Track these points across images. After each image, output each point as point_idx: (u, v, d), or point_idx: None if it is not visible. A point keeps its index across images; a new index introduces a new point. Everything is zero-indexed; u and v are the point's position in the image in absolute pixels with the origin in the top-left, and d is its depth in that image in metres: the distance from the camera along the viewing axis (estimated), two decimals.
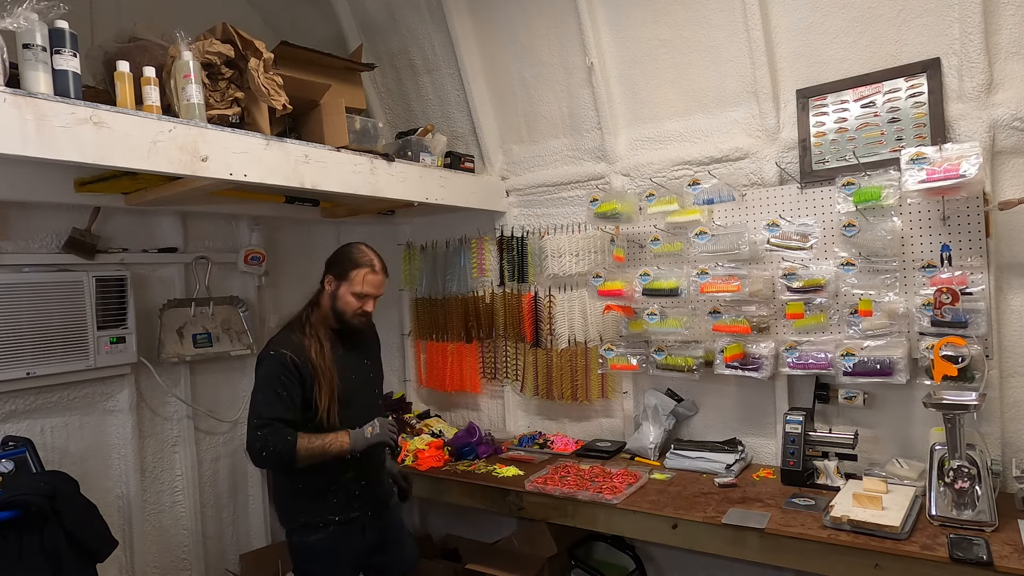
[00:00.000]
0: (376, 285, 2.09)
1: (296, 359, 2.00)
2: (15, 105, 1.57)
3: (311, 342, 2.06)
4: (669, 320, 2.63)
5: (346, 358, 2.14)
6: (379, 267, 2.11)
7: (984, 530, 1.80)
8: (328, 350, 2.07)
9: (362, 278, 2.06)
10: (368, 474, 2.17)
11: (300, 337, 2.07)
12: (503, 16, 2.96)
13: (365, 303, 2.09)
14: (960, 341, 2.03)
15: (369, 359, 2.29)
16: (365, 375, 2.24)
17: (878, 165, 2.25)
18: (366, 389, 2.23)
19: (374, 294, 2.10)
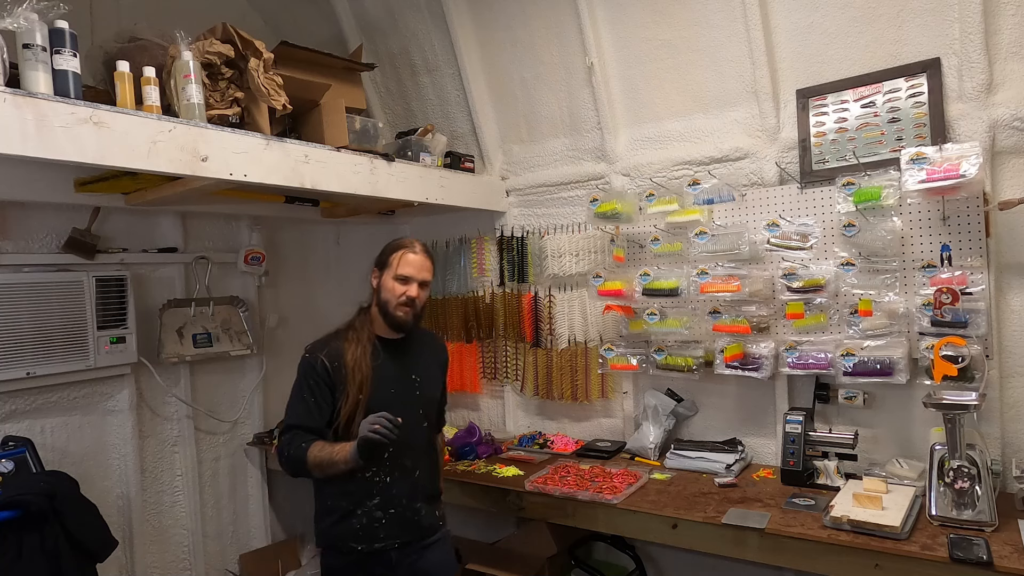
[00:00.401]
0: (416, 266, 1.97)
1: (329, 363, 1.91)
2: (15, 105, 1.57)
3: (350, 346, 1.95)
4: (669, 320, 2.63)
5: (388, 368, 1.98)
6: (419, 248, 2.00)
7: (984, 530, 1.80)
8: (367, 356, 1.94)
9: (399, 258, 1.96)
10: (396, 503, 1.94)
11: (341, 340, 1.98)
12: (503, 16, 2.96)
13: (408, 287, 1.95)
14: (960, 341, 2.03)
15: (420, 375, 2.06)
16: (408, 391, 2.01)
17: (878, 165, 2.25)
18: (406, 407, 1.92)
19: (416, 276, 1.96)
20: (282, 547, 3.32)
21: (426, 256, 2.01)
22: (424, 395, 2.06)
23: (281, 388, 3.44)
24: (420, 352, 2.10)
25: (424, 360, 2.10)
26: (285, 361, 3.48)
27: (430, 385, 2.11)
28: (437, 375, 2.17)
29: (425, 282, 2.00)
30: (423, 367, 2.08)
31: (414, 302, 1.96)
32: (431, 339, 2.24)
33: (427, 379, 2.09)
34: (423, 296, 2.01)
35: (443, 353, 2.23)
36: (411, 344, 2.07)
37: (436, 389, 2.15)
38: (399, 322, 1.97)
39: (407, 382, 2.02)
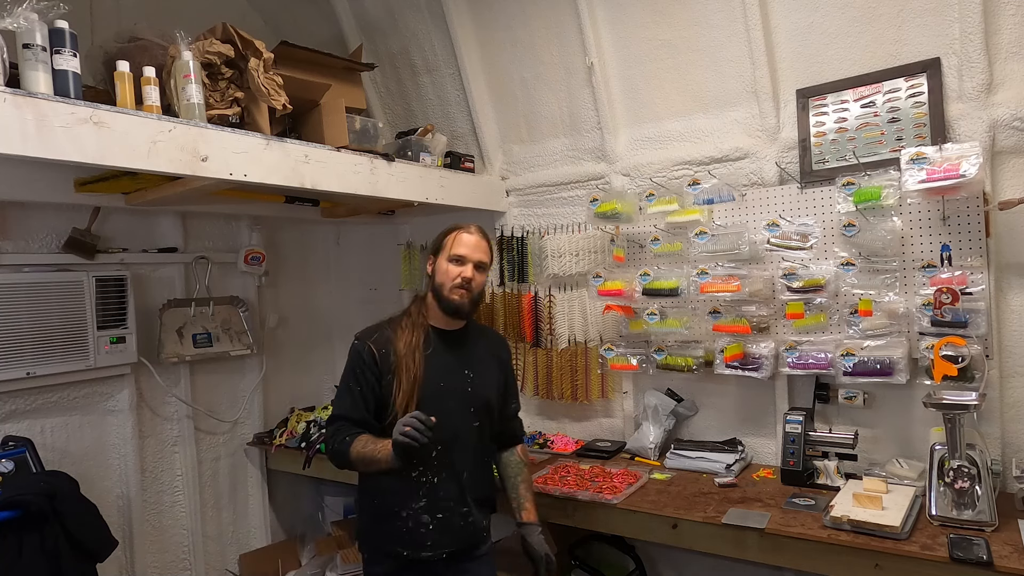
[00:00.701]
0: (471, 246, 1.88)
1: (377, 351, 1.84)
2: (15, 105, 1.57)
3: (403, 333, 1.87)
4: (669, 320, 2.63)
5: (441, 360, 1.90)
6: (475, 229, 1.92)
7: (984, 530, 1.80)
8: (418, 344, 1.86)
9: (453, 239, 1.89)
10: (444, 506, 1.85)
11: (393, 328, 1.91)
12: (503, 16, 2.96)
13: (463, 268, 1.86)
14: (960, 341, 2.03)
15: (474, 370, 1.95)
16: (460, 386, 1.92)
17: (878, 165, 2.24)
18: (457, 404, 1.88)
19: (470, 256, 1.87)
20: (282, 547, 3.32)
21: (482, 237, 1.93)
22: (477, 393, 1.94)
23: (281, 388, 3.46)
24: (476, 347, 1.99)
25: (480, 356, 1.99)
26: (285, 361, 3.49)
27: (485, 384, 1.97)
28: (494, 374, 2.03)
29: (482, 264, 1.90)
30: (478, 363, 1.98)
31: (470, 284, 1.87)
32: (491, 335, 2.14)
33: (482, 377, 1.97)
34: (480, 280, 1.91)
35: (503, 350, 2.11)
36: (468, 337, 1.98)
37: (492, 389, 2.00)
38: (454, 305, 1.87)
39: (459, 376, 1.92)
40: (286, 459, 3.15)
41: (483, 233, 1.95)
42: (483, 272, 1.92)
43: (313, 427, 3.09)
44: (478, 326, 2.09)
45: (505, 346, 2.17)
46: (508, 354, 2.15)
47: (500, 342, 2.14)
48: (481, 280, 1.92)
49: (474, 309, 1.95)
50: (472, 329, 2.02)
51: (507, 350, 2.16)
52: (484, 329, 2.15)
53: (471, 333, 2.01)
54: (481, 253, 1.91)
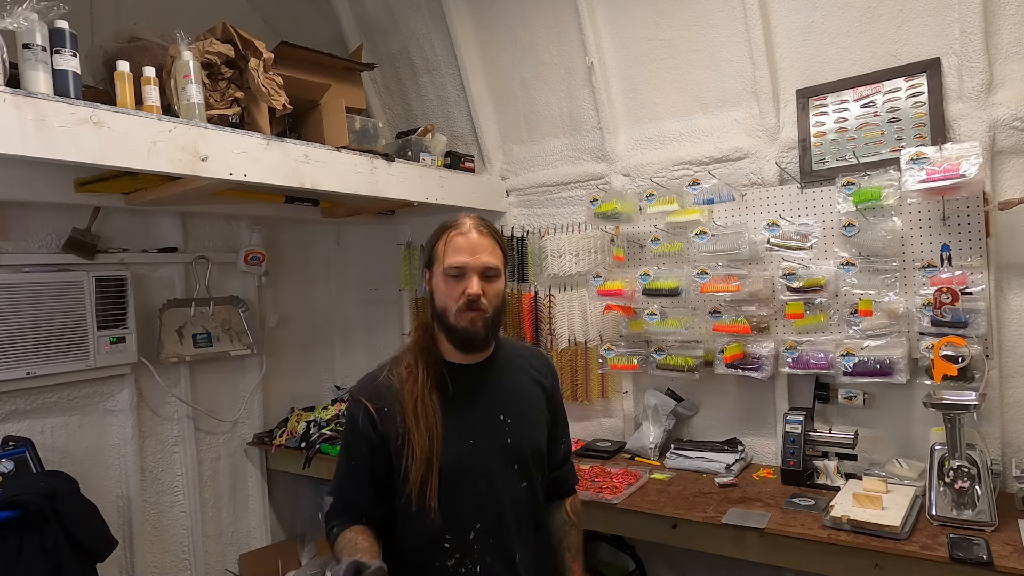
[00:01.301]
0: (468, 248, 1.38)
1: (375, 410, 1.39)
2: (15, 105, 1.57)
3: (408, 379, 1.40)
4: (669, 320, 2.63)
5: (463, 408, 1.42)
6: (469, 225, 1.42)
7: (984, 530, 1.80)
8: (430, 390, 1.39)
9: (445, 244, 1.40)
10: None
11: (391, 374, 1.44)
12: (503, 16, 2.96)
13: (466, 283, 1.37)
14: (960, 341, 2.03)
15: (513, 412, 1.46)
16: (497, 439, 1.43)
17: (878, 165, 2.24)
18: (496, 465, 1.42)
19: (472, 264, 1.37)
20: (282, 547, 3.32)
21: (483, 232, 1.42)
22: (520, 444, 1.45)
23: (281, 388, 3.46)
24: (513, 378, 1.51)
25: (519, 389, 1.51)
26: (285, 361, 3.49)
27: (530, 427, 1.49)
28: (539, 409, 1.53)
29: (491, 269, 1.39)
30: (517, 400, 1.49)
31: (479, 302, 1.37)
32: (528, 354, 1.61)
33: (525, 417, 1.48)
34: (494, 291, 1.41)
35: (547, 373, 1.59)
36: (498, 367, 1.50)
37: (539, 431, 1.52)
38: (467, 336, 1.39)
39: (493, 426, 1.44)
40: (286, 459, 3.15)
41: (483, 225, 1.44)
42: (497, 279, 1.42)
43: (313, 427, 3.09)
44: (509, 344, 1.59)
45: (548, 366, 1.63)
46: (554, 376, 1.62)
47: (541, 362, 1.61)
48: (496, 290, 1.41)
49: (495, 332, 1.45)
50: (502, 353, 1.52)
51: (552, 371, 1.62)
52: (517, 347, 1.62)
53: (501, 359, 1.51)
54: (486, 254, 1.39)
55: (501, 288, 1.44)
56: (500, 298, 1.44)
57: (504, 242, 1.47)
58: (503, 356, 1.53)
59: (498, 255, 1.43)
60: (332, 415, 3.21)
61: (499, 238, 1.46)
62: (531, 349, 1.71)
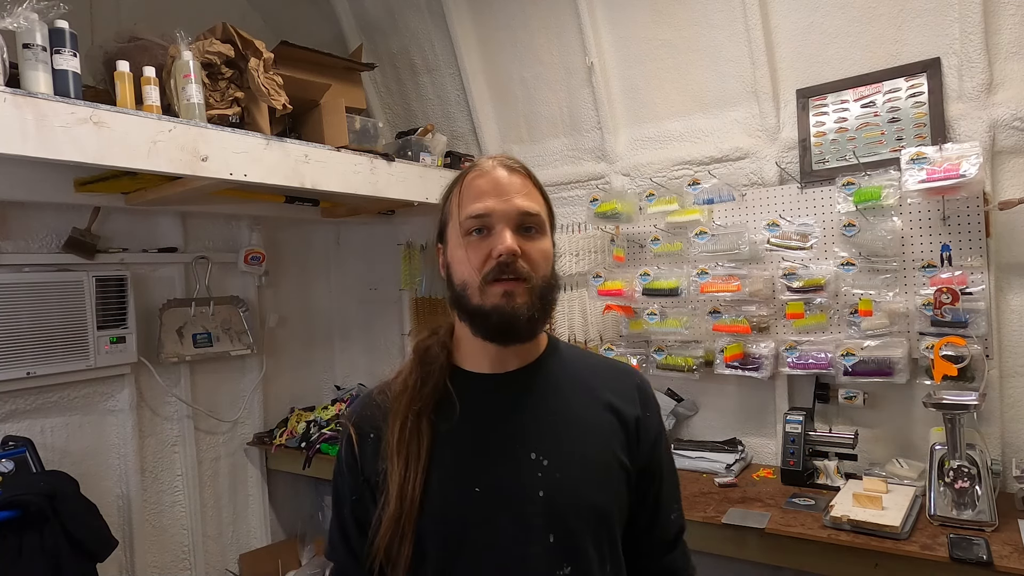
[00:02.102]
0: (493, 189, 0.96)
1: (358, 437, 1.00)
2: (15, 105, 1.57)
3: (399, 393, 0.99)
4: (669, 320, 2.63)
5: (465, 438, 0.96)
6: (493, 163, 1.02)
7: (984, 530, 1.80)
8: (421, 408, 0.96)
9: (460, 193, 1.01)
10: None
11: (388, 386, 1.04)
12: (503, 16, 2.96)
13: (493, 239, 0.93)
14: (960, 341, 2.03)
15: (551, 446, 0.96)
16: (515, 489, 0.93)
17: (878, 165, 2.24)
18: (507, 532, 0.92)
19: (499, 209, 0.94)
20: (282, 547, 3.32)
21: (512, 170, 1.00)
22: (561, 496, 0.93)
23: (281, 388, 3.46)
24: (561, 398, 1.00)
25: (570, 414, 0.99)
26: (285, 361, 3.49)
27: (581, 471, 0.96)
28: (606, 450, 0.99)
29: (528, 217, 0.96)
30: (565, 430, 0.98)
31: (515, 265, 0.92)
32: (603, 371, 1.09)
33: (572, 458, 0.96)
34: (538, 251, 0.96)
35: (634, 402, 1.05)
36: (539, 381, 1.01)
37: (602, 483, 0.97)
38: (502, 318, 0.92)
39: (514, 466, 0.94)
40: (286, 459, 3.15)
41: (513, 161, 1.03)
42: (540, 234, 0.98)
43: (313, 427, 3.09)
44: (574, 352, 1.11)
45: (639, 390, 1.07)
46: (648, 405, 1.07)
47: (626, 383, 1.07)
48: (542, 251, 0.97)
49: (544, 315, 0.97)
50: (556, 361, 1.04)
51: (645, 398, 1.07)
52: (589, 358, 1.12)
53: (552, 368, 1.03)
54: (520, 196, 0.96)
55: (548, 249, 0.98)
56: (548, 263, 0.98)
57: (544, 190, 1.04)
58: (556, 365, 1.03)
59: (538, 200, 1.00)
60: (332, 415, 3.21)
61: (537, 180, 1.03)
62: (612, 363, 1.13)
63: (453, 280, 0.99)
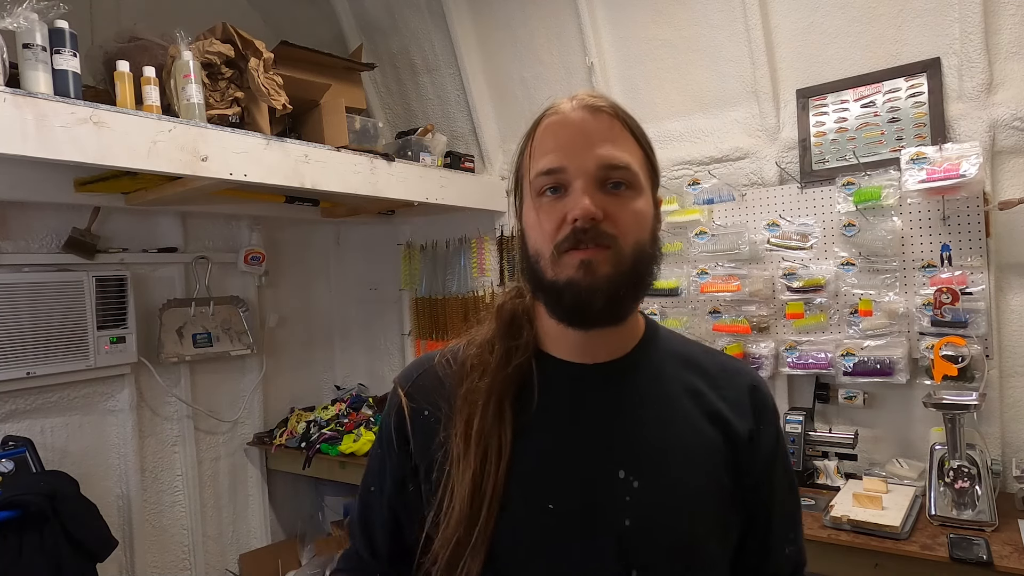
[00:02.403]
0: (569, 136, 0.80)
1: (411, 411, 0.86)
2: (15, 105, 1.57)
3: (473, 368, 0.84)
4: (669, 320, 2.63)
5: (544, 441, 0.81)
6: (571, 105, 0.82)
7: (984, 530, 1.80)
8: (501, 396, 0.81)
9: (533, 140, 0.84)
10: None
11: (454, 354, 0.88)
12: (503, 16, 2.96)
13: (569, 199, 0.77)
14: (960, 341, 2.03)
15: (642, 468, 0.79)
16: (597, 513, 0.78)
17: (878, 165, 2.24)
18: (583, 565, 0.76)
19: (573, 163, 0.78)
20: (282, 547, 3.32)
21: (598, 112, 0.82)
22: (651, 527, 0.78)
23: (281, 388, 3.46)
24: (660, 404, 0.84)
25: (668, 423, 0.83)
26: (285, 361, 3.49)
27: (680, 498, 0.80)
28: (710, 471, 0.82)
29: (614, 169, 0.78)
30: (662, 443, 0.82)
31: (596, 231, 0.76)
32: (712, 370, 0.89)
33: (668, 480, 0.80)
34: (629, 213, 0.79)
35: (746, 412, 0.86)
36: (634, 379, 0.84)
37: (700, 513, 0.81)
38: (574, 296, 0.76)
39: (599, 485, 0.79)
40: (286, 459, 3.15)
41: (597, 100, 0.83)
42: (633, 191, 0.80)
43: (313, 427, 3.09)
44: (676, 342, 0.92)
45: (754, 395, 0.89)
46: (765, 417, 0.88)
47: (737, 386, 0.88)
48: (634, 213, 0.79)
49: (635, 293, 0.80)
50: (656, 352, 0.88)
51: (761, 407, 0.89)
52: (694, 350, 0.92)
53: (651, 362, 0.86)
54: (604, 143, 0.79)
55: (643, 210, 0.80)
56: (644, 228, 0.79)
57: (645, 134, 0.86)
58: (655, 359, 0.86)
59: (630, 147, 0.81)
60: (332, 415, 3.21)
61: (632, 122, 0.84)
62: (722, 360, 0.92)
63: (527, 248, 0.83)
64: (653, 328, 0.90)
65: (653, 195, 0.85)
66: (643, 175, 0.82)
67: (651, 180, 0.85)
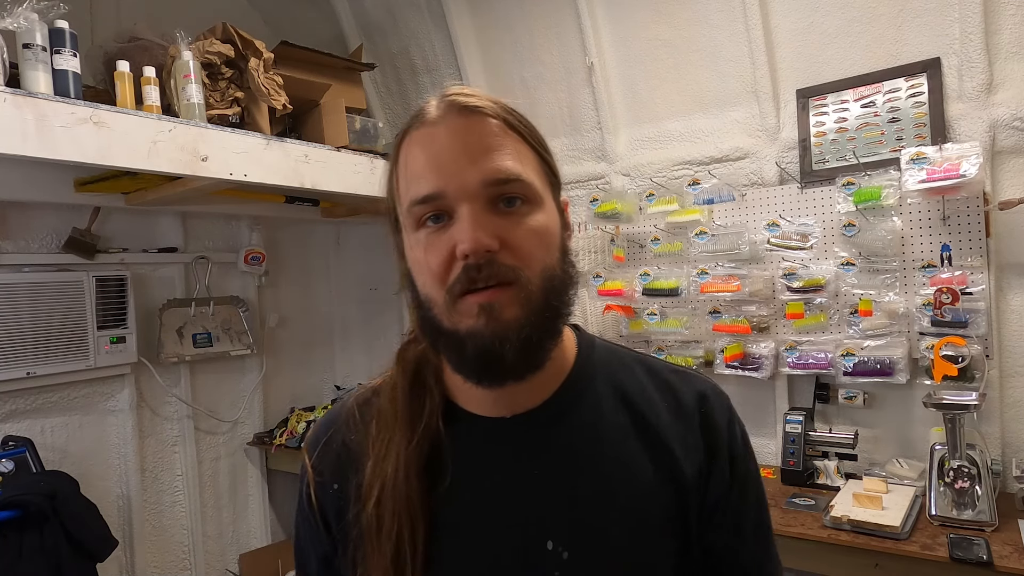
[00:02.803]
0: (442, 151, 0.65)
1: (322, 486, 0.76)
2: (15, 105, 1.57)
3: (377, 435, 0.72)
4: (669, 320, 2.63)
5: (461, 515, 0.70)
6: (440, 109, 0.69)
7: (984, 530, 1.80)
8: (409, 467, 0.69)
9: (407, 160, 0.71)
10: None
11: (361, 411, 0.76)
12: (503, 16, 2.96)
13: (455, 228, 0.63)
14: (960, 341, 2.03)
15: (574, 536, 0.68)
16: None
17: (878, 165, 2.24)
18: None
19: (452, 183, 0.64)
20: (282, 547, 3.32)
21: (474, 114, 0.68)
22: None
23: (281, 388, 3.46)
24: (594, 450, 0.71)
25: (605, 475, 0.70)
26: (285, 361, 3.49)
27: (620, 565, 0.68)
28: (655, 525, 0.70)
29: (506, 185, 0.65)
30: (596, 503, 0.69)
31: (494, 266, 0.62)
32: (653, 392, 0.75)
33: (604, 546, 0.68)
34: (529, 233, 0.65)
35: (697, 440, 0.74)
36: (561, 426, 0.71)
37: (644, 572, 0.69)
38: (480, 348, 0.63)
39: (520, 561, 0.68)
40: (286, 459, 3.15)
41: (471, 100, 0.69)
42: (530, 206, 0.67)
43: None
44: (614, 362, 0.78)
45: (706, 415, 0.76)
46: (719, 437, 0.75)
47: (684, 405, 0.75)
48: (534, 233, 0.66)
49: (555, 331, 0.69)
50: (590, 380, 0.75)
51: (712, 428, 0.75)
52: (637, 370, 0.78)
53: (587, 396, 0.74)
54: (487, 153, 0.65)
55: (546, 225, 0.68)
56: (550, 247, 0.68)
57: (534, 131, 0.74)
58: (590, 394, 0.74)
59: (521, 152, 0.69)
60: None
61: (517, 119, 0.72)
62: (670, 379, 0.78)
63: (417, 293, 0.69)
64: (586, 351, 0.76)
65: (555, 201, 0.73)
66: (540, 182, 0.69)
67: (550, 184, 0.72)
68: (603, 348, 0.78)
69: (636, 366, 0.78)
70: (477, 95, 0.69)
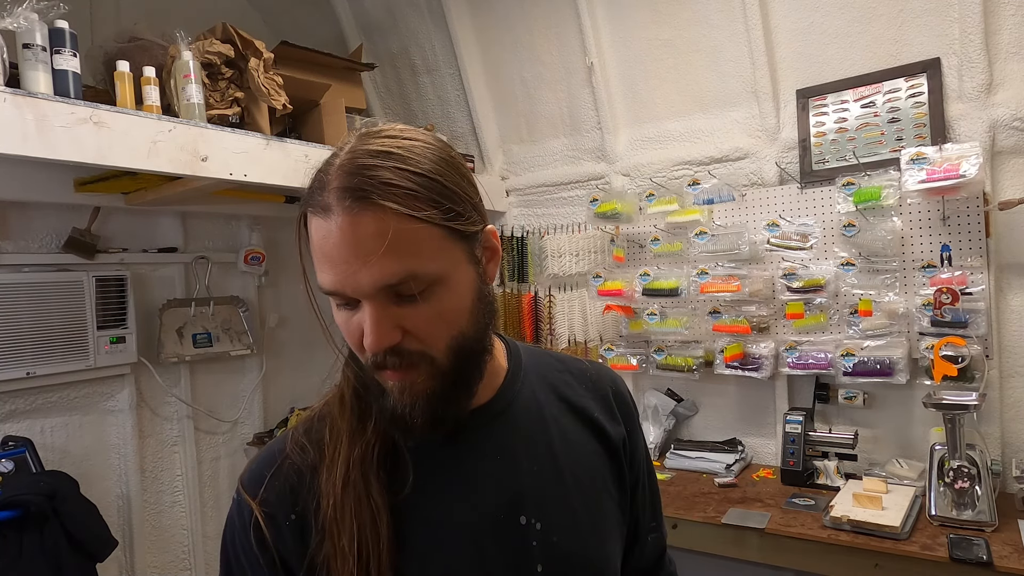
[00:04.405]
0: (337, 247, 0.64)
1: (273, 523, 0.75)
2: (15, 105, 1.57)
3: (333, 463, 0.72)
4: (669, 320, 2.63)
5: (435, 505, 0.74)
6: (334, 196, 0.63)
7: (984, 530, 1.80)
8: (369, 486, 0.71)
9: (311, 239, 0.68)
10: None
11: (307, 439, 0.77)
12: (503, 16, 2.96)
13: (361, 315, 0.67)
14: (960, 341, 2.03)
15: (544, 507, 0.77)
16: (514, 555, 0.74)
17: (878, 165, 2.25)
18: None
19: (348, 285, 0.65)
20: None
21: (362, 214, 0.62)
22: (566, 566, 0.77)
23: (281, 388, 3.45)
24: (544, 433, 0.81)
25: (555, 452, 0.80)
26: (285, 361, 3.49)
27: (586, 526, 0.80)
28: (603, 489, 0.84)
29: (395, 288, 0.65)
30: (558, 477, 0.79)
31: (402, 352, 0.67)
32: (572, 378, 0.89)
33: (572, 510, 0.79)
34: (431, 317, 0.67)
35: (611, 408, 0.89)
36: (509, 419, 0.79)
37: (606, 532, 0.83)
38: (397, 419, 0.69)
39: (505, 535, 0.74)
40: None
41: (357, 191, 0.63)
42: (434, 289, 0.66)
43: None
44: (535, 358, 0.88)
45: (612, 389, 0.91)
46: (630, 412, 0.92)
47: (597, 385, 0.90)
48: (437, 316, 0.67)
49: (468, 390, 0.73)
50: (523, 372, 0.84)
51: (621, 400, 0.91)
52: (557, 364, 0.90)
53: (525, 386, 0.82)
54: (374, 258, 0.63)
55: (449, 303, 0.68)
56: (456, 320, 0.69)
57: (438, 180, 0.66)
58: (527, 385, 0.82)
59: (411, 239, 0.64)
60: None
61: (413, 182, 0.64)
62: (583, 367, 0.91)
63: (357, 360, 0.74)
64: (516, 354, 0.85)
65: (469, 251, 0.69)
66: (441, 256, 0.66)
67: (460, 239, 0.68)
68: (525, 349, 0.89)
69: (553, 361, 0.91)
70: (363, 170, 0.63)
